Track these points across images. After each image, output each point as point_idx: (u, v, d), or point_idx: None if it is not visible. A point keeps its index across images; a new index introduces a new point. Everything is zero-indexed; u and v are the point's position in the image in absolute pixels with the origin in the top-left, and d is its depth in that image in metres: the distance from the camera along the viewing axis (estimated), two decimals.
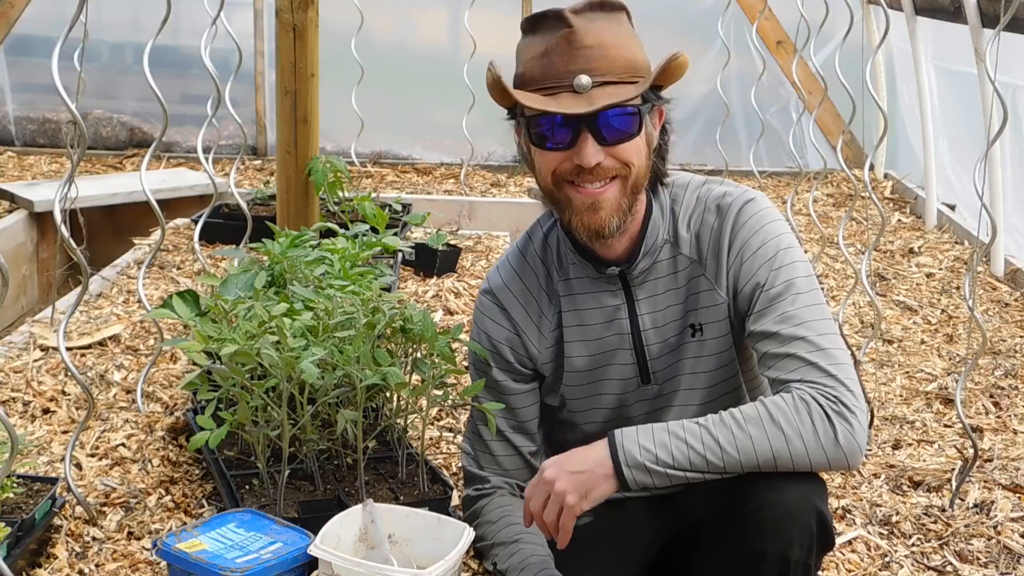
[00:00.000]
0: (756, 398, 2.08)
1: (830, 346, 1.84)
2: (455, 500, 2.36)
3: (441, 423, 3.02)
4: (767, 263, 1.91)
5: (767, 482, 1.78)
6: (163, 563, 2.13)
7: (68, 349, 3.38)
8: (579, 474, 1.79)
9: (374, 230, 3.72)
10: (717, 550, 1.85)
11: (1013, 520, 2.63)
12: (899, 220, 5.67)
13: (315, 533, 1.97)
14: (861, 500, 2.72)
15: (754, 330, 1.90)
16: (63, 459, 2.52)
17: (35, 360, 3.34)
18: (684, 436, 1.79)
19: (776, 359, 1.86)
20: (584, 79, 1.80)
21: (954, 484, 2.77)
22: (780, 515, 1.76)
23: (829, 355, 1.83)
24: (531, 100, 1.82)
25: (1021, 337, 3.96)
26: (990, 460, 2.94)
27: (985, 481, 2.82)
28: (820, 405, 1.77)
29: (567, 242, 2.01)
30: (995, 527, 2.60)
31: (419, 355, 2.29)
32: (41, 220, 5.37)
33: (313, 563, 1.97)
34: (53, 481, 2.34)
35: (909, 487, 2.81)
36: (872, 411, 3.14)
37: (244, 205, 3.40)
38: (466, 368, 3.38)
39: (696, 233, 1.97)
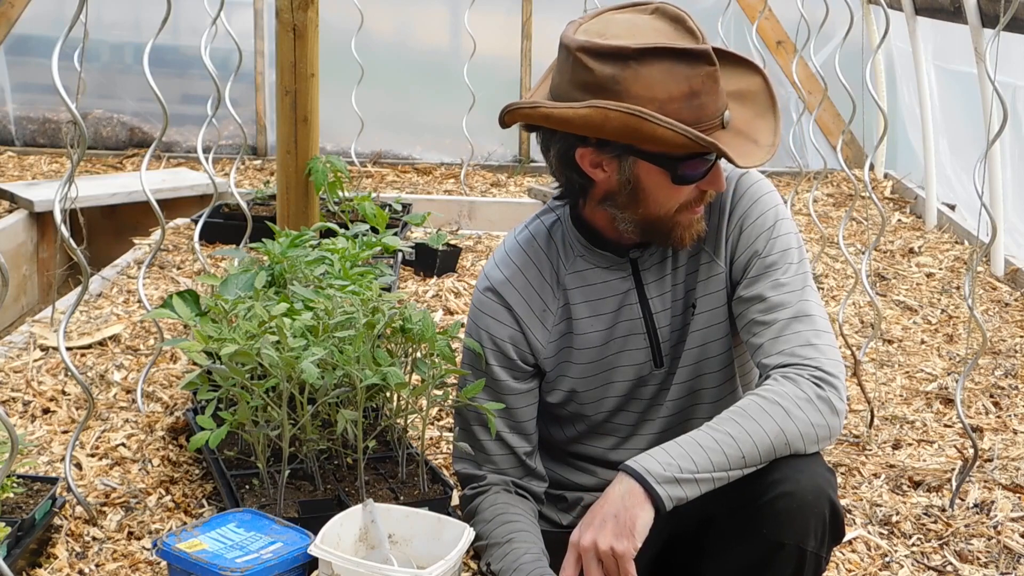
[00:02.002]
0: (746, 381, 2.10)
1: (815, 313, 1.90)
2: (455, 500, 2.36)
3: (441, 423, 3.02)
4: (766, 232, 1.95)
5: (781, 474, 1.80)
6: (163, 563, 2.13)
7: (68, 349, 3.38)
8: (613, 519, 1.73)
9: (374, 230, 3.72)
10: (730, 544, 1.85)
11: (1013, 520, 2.63)
12: (899, 220, 5.67)
13: (315, 533, 1.97)
14: (861, 500, 2.72)
15: (744, 295, 1.94)
16: (63, 459, 2.52)
17: (35, 360, 3.34)
18: (695, 440, 1.78)
19: (762, 326, 1.90)
20: (728, 113, 1.81)
21: (954, 484, 2.77)
22: (796, 506, 1.78)
23: (813, 321, 1.89)
24: (713, 144, 1.76)
25: (1021, 337, 3.96)
26: (990, 460, 2.94)
27: (985, 481, 2.82)
28: (806, 379, 1.82)
29: (579, 237, 2.01)
30: (995, 527, 2.60)
31: (419, 355, 2.29)
32: (41, 220, 5.37)
33: (313, 563, 1.97)
34: (53, 481, 2.35)
35: (909, 487, 2.81)
36: (872, 411, 3.15)
37: (244, 205, 3.40)
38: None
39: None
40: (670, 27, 1.79)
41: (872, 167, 6.33)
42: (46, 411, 3.00)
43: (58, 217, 2.43)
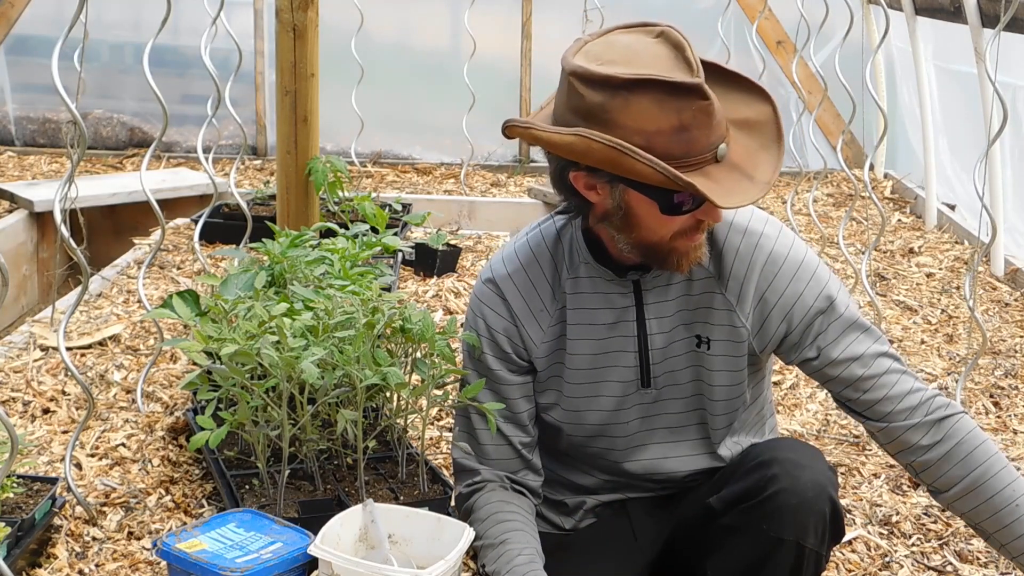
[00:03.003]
0: (754, 417, 2.10)
1: (893, 350, 2.00)
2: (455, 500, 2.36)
3: (441, 423, 3.02)
4: (822, 294, 1.96)
5: (782, 470, 1.81)
6: (163, 563, 2.13)
7: (68, 349, 3.38)
8: None
9: (374, 230, 3.72)
10: (731, 539, 1.86)
11: None
12: (899, 220, 5.67)
13: (315, 533, 1.97)
14: (861, 500, 2.72)
15: (838, 358, 1.95)
16: (63, 459, 2.52)
17: (35, 360, 3.34)
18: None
19: (872, 379, 1.96)
20: (723, 147, 1.76)
21: None
22: (796, 503, 1.78)
23: (902, 359, 2.01)
24: (710, 189, 1.72)
25: (1021, 337, 3.97)
26: None
27: None
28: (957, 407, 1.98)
29: (584, 249, 1.99)
30: None
31: (419, 355, 2.29)
32: (41, 220, 5.37)
33: (313, 563, 1.97)
34: (53, 481, 2.35)
35: (909, 487, 2.81)
36: None
37: (244, 205, 3.41)
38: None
39: (717, 250, 1.96)
40: (670, 55, 1.75)
41: (872, 167, 6.33)
42: (46, 411, 3.00)
43: (58, 217, 2.43)
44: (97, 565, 2.28)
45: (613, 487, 2.12)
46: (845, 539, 2.51)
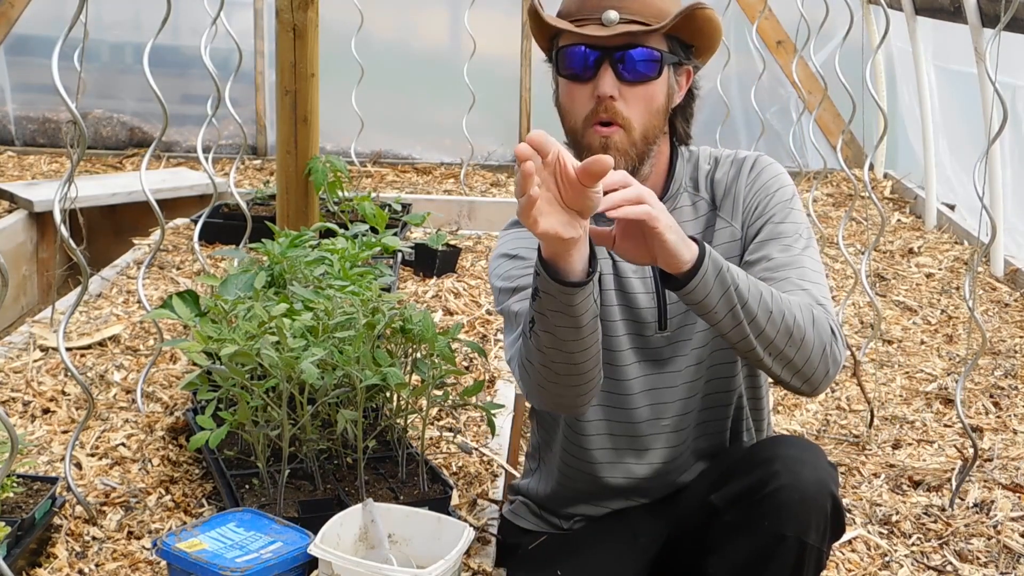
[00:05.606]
0: (760, 395, 2.09)
1: (820, 282, 1.92)
2: (455, 500, 2.35)
3: (441, 423, 3.02)
4: (783, 203, 1.99)
5: (783, 466, 1.80)
6: (163, 563, 2.13)
7: (68, 349, 3.38)
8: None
9: (374, 230, 3.73)
10: (732, 537, 1.85)
11: (1013, 520, 2.63)
12: (899, 220, 5.67)
13: (315, 533, 1.97)
14: (861, 500, 2.72)
15: (750, 259, 1.95)
16: (63, 459, 2.52)
17: (35, 360, 3.34)
18: (746, 274, 1.78)
19: (769, 284, 1.87)
20: (612, 14, 1.87)
21: (954, 484, 2.77)
22: (797, 499, 1.78)
23: (820, 288, 1.90)
24: (557, 23, 1.90)
25: (1021, 337, 3.97)
26: (990, 460, 2.94)
27: (985, 481, 2.82)
28: (824, 316, 1.84)
29: None
30: (995, 527, 2.60)
31: (419, 355, 2.29)
32: (41, 220, 5.37)
33: (313, 563, 1.97)
34: (53, 481, 2.35)
35: (909, 487, 2.81)
36: (872, 411, 3.15)
37: (244, 205, 3.41)
38: (466, 368, 3.39)
39: (714, 181, 2.03)
40: None
41: (872, 167, 6.33)
42: (46, 411, 3.00)
43: (58, 217, 2.43)
44: (97, 565, 2.28)
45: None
46: (845, 539, 2.51)
